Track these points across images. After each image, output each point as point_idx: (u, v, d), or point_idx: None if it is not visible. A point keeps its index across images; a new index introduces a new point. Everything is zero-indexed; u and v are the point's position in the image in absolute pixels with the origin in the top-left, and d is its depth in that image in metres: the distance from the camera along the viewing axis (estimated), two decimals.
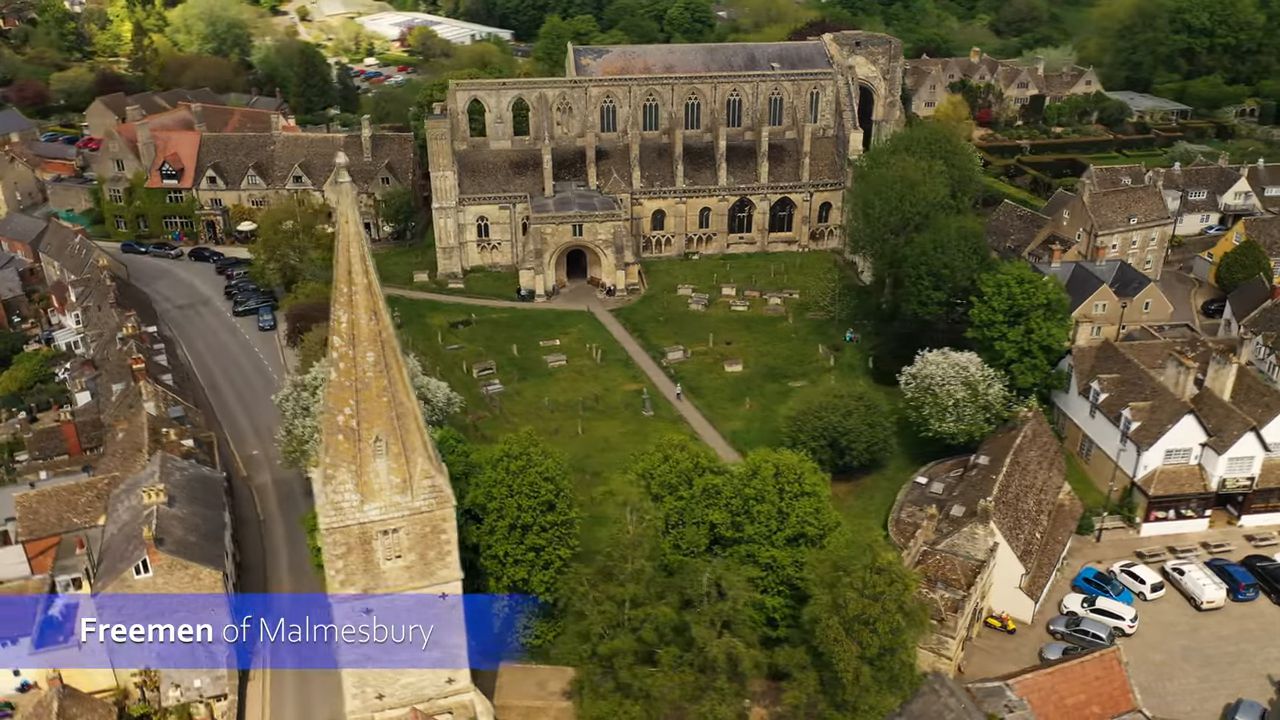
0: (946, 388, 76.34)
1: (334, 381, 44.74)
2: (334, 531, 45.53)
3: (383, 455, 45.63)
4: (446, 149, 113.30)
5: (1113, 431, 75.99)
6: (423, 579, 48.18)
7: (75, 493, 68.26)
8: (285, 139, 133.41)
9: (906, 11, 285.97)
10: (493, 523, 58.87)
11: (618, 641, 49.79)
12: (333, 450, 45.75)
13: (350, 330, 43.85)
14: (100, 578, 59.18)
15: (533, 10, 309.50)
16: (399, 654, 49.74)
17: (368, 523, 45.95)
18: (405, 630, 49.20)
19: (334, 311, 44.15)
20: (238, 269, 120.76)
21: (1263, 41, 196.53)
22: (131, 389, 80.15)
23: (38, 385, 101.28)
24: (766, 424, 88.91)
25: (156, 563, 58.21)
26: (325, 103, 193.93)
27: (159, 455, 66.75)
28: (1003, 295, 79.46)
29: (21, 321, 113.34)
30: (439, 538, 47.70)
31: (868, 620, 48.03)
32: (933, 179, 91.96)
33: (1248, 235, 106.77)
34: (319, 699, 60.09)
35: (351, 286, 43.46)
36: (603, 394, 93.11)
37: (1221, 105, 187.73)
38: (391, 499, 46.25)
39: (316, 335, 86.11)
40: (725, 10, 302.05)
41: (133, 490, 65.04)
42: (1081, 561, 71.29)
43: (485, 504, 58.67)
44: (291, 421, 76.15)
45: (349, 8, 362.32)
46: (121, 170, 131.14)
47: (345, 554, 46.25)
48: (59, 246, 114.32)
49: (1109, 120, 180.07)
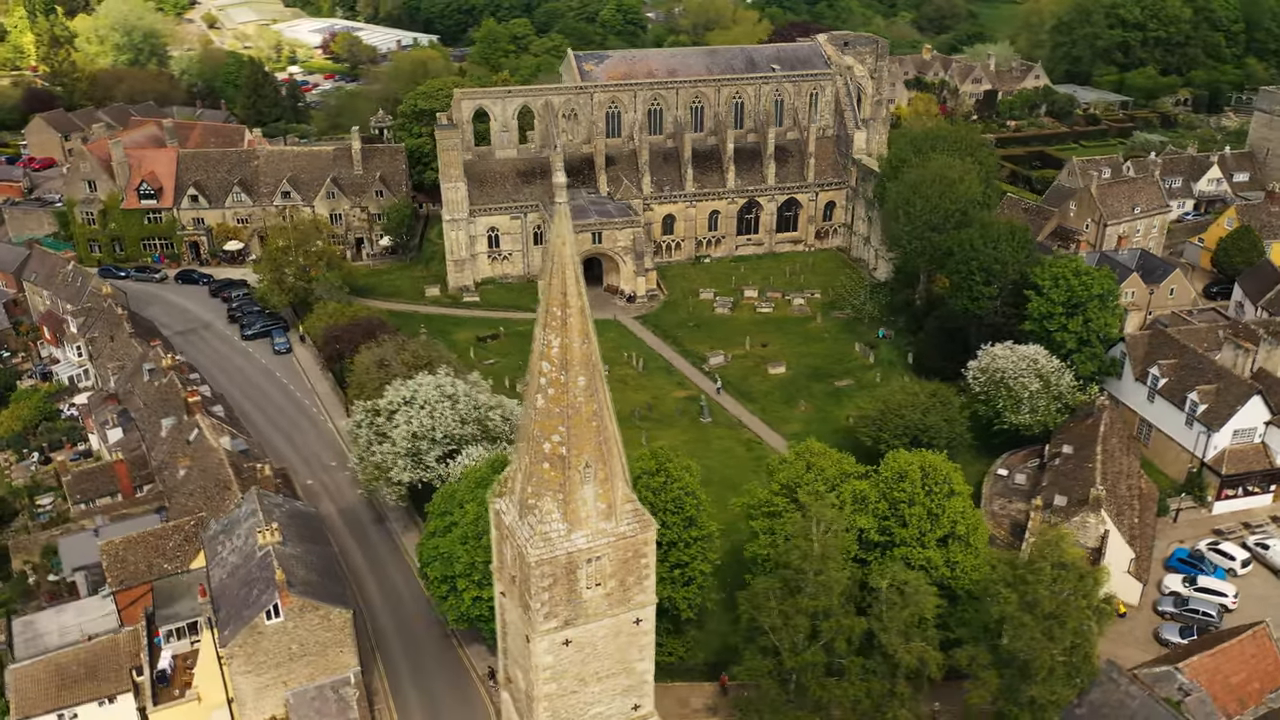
0: (1020, 380, 77.98)
1: (541, 408, 43.15)
2: (543, 564, 43.91)
3: (590, 482, 44.26)
4: (457, 160, 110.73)
5: (1175, 414, 78.76)
6: (620, 605, 46.91)
7: (162, 537, 64.48)
8: (269, 153, 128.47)
9: (831, 10, 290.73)
10: None
11: (808, 655, 49.39)
12: (535, 479, 44.15)
13: (562, 355, 42.36)
14: (224, 625, 55.94)
15: (459, 15, 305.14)
16: (592, 685, 48.47)
17: (575, 552, 44.45)
18: (600, 660, 48.01)
19: (543, 336, 42.57)
20: (236, 291, 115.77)
21: (1189, 35, 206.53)
22: (185, 423, 76.04)
23: (43, 424, 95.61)
24: (825, 424, 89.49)
25: (288, 606, 55.38)
26: (275, 114, 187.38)
27: (253, 492, 63.45)
28: (1061, 288, 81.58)
29: (11, 356, 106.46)
30: (639, 562, 46.51)
31: (1061, 617, 48.73)
32: (970, 176, 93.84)
33: (1240, 220, 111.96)
34: None
35: (565, 310, 42.02)
36: (655, 402, 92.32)
37: (1157, 96, 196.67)
38: (597, 526, 44.88)
39: (368, 358, 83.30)
40: (654, 11, 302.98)
41: (231, 530, 61.73)
42: (1164, 543, 73.71)
43: None
44: (367, 449, 73.55)
45: (261, 14, 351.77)
46: (94, 191, 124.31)
47: (550, 586, 44.64)
48: (47, 275, 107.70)
49: (1058, 113, 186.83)
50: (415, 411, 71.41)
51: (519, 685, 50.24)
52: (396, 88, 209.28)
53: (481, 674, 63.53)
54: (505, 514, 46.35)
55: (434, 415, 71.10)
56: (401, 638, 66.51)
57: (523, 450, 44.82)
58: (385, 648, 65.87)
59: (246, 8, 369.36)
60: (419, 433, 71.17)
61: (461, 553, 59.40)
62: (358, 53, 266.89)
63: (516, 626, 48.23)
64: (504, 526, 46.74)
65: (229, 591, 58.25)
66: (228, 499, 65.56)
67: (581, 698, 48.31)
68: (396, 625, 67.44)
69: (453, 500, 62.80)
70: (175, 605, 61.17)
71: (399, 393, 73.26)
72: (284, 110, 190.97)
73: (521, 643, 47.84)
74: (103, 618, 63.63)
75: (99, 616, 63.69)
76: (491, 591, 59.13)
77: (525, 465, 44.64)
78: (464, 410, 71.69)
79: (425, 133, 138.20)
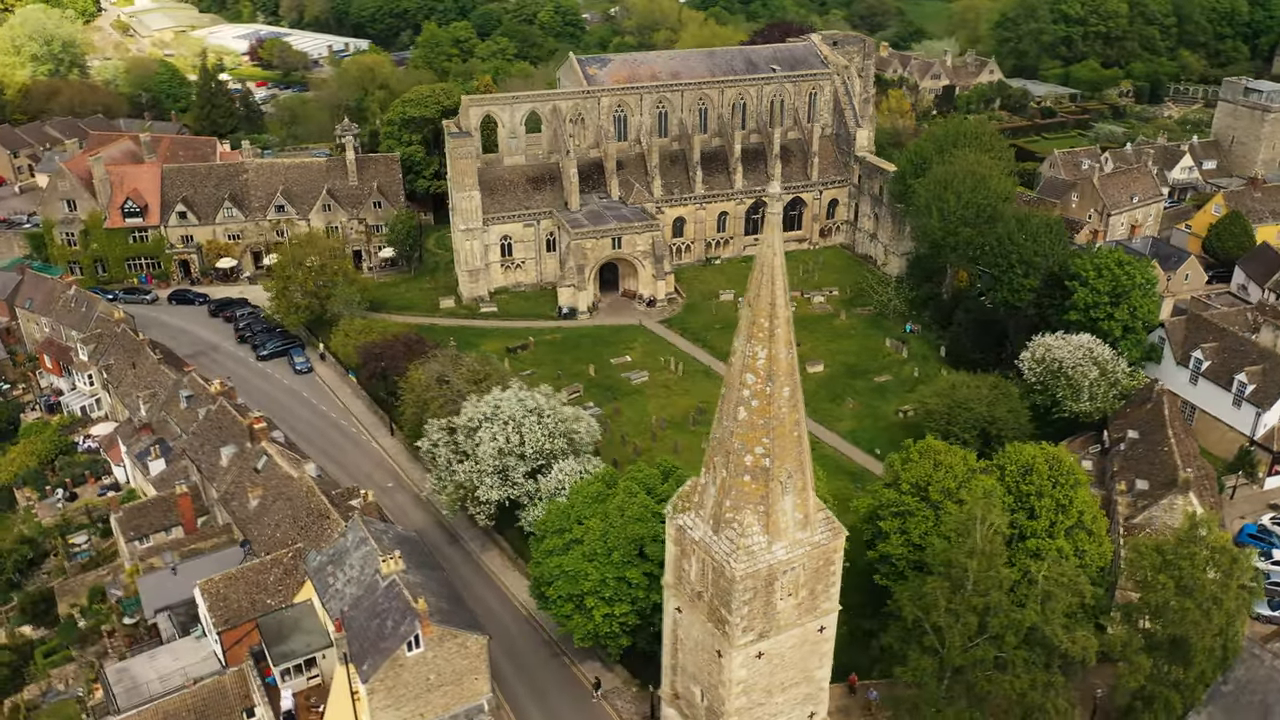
0: (1079, 369, 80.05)
1: (743, 421, 42.74)
2: (747, 578, 43.47)
3: (790, 492, 43.97)
4: (472, 168, 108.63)
5: (1221, 395, 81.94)
6: (809, 614, 46.80)
7: (261, 572, 61.73)
8: (259, 166, 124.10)
9: (765, 10, 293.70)
10: None
11: (979, 650, 49.92)
12: (735, 493, 43.71)
13: (769, 366, 42.03)
14: (360, 659, 53.81)
15: (390, 19, 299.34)
16: (776, 696, 48.23)
17: (775, 564, 44.16)
18: (787, 670, 47.79)
19: (746, 348, 42.15)
20: (241, 310, 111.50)
21: (1126, 29, 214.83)
22: (250, 451, 72.95)
23: (60, 458, 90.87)
24: (877, 420, 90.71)
25: (429, 636, 53.64)
26: (231, 125, 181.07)
27: (357, 520, 61.24)
28: (1105, 278, 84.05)
29: (10, 388, 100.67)
30: (829, 570, 46.45)
31: (1219, 599, 50.24)
32: (996, 172, 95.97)
33: (1228, 206, 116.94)
34: None
35: (773, 321, 41.67)
36: (705, 406, 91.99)
37: (1101, 88, 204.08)
38: (794, 536, 44.67)
39: (424, 374, 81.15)
40: (589, 13, 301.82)
41: (341, 561, 59.45)
42: (1228, 520, 76.50)
43: None
44: (448, 469, 71.70)
45: (176, 20, 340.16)
46: (74, 210, 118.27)
47: (751, 599, 44.26)
48: (45, 301, 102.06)
49: (1013, 107, 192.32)
50: (500, 427, 69.82)
51: (694, 701, 49.68)
52: (346, 94, 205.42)
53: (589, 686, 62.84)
54: (692, 529, 45.75)
55: (521, 430, 69.62)
56: (512, 659, 65.05)
57: (717, 464, 44.30)
58: (497, 670, 64.13)
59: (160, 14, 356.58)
60: (504, 449, 69.63)
61: (590, 570, 58.34)
62: (289, 59, 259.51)
63: (698, 641, 47.69)
64: (688, 542, 46.17)
65: (356, 624, 56.00)
66: (326, 528, 63.15)
67: (766, 709, 48.09)
68: (504, 646, 65.83)
69: (567, 517, 61.63)
70: (288, 642, 58.59)
71: (478, 409, 71.52)
72: (239, 120, 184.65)
73: (706, 657, 47.34)
74: (202, 660, 60.83)
75: (199, 659, 60.85)
76: (622, 608, 58.64)
77: (721, 479, 44.12)
78: (551, 424, 70.37)
79: (415, 140, 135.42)
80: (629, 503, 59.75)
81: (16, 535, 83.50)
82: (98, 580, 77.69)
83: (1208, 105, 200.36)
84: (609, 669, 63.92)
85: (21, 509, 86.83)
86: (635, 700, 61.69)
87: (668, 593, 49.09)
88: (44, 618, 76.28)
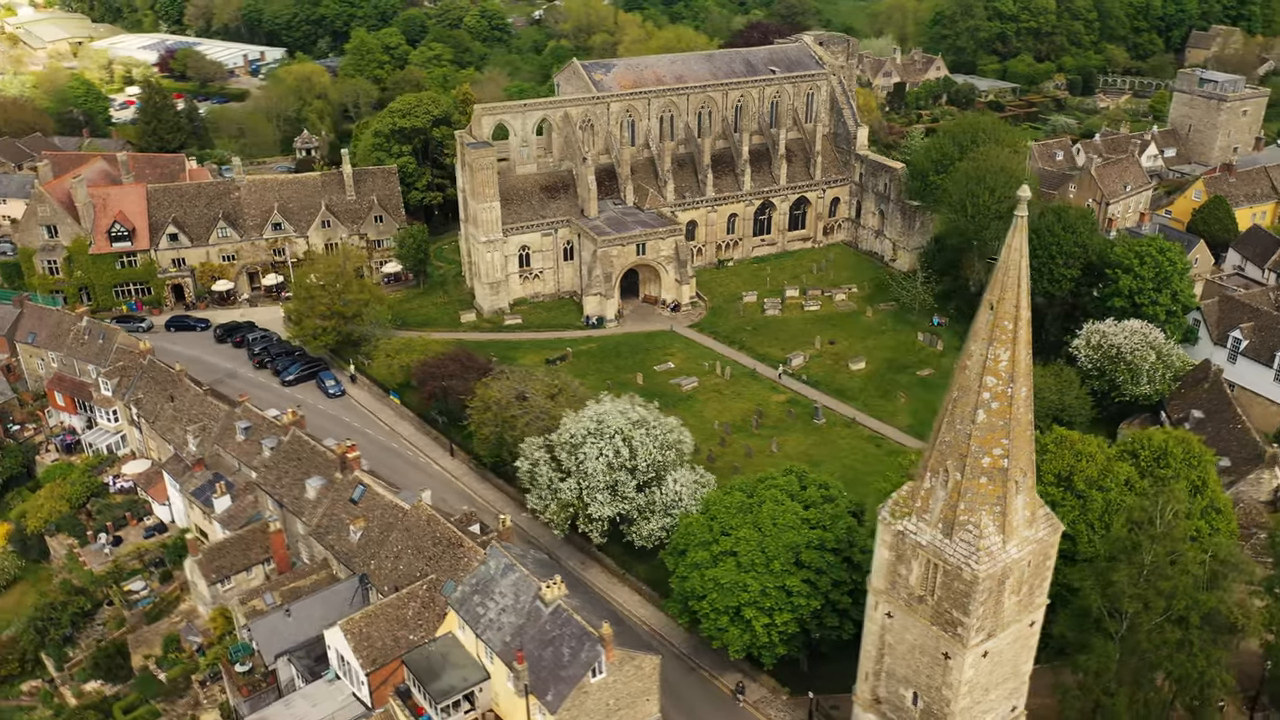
0: (1138, 353, 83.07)
1: (982, 423, 42.93)
2: (987, 579, 43.74)
3: (1022, 491, 44.44)
4: (493, 179, 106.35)
5: (1262, 372, 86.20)
6: (1026, 610, 47.39)
7: (399, 607, 59.21)
8: (250, 184, 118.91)
9: (688, 10, 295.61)
10: None
11: (1169, 633, 51.30)
12: (970, 495, 43.91)
13: (1010, 368, 42.34)
14: (544, 691, 52.12)
15: (307, 26, 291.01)
16: (991, 693, 48.68)
17: (1009, 563, 44.56)
18: (1003, 666, 48.31)
19: (987, 350, 42.39)
20: (253, 334, 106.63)
21: (1055, 25, 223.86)
22: (342, 481, 69.90)
23: (92, 500, 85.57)
24: (931, 413, 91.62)
25: (611, 660, 52.36)
26: (178, 141, 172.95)
27: (498, 546, 59.28)
28: (1148, 265, 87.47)
29: (19, 429, 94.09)
30: (1045, 565, 47.13)
31: None
32: (1022, 167, 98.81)
33: (1209, 192, 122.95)
34: None
35: (1016, 323, 41.97)
36: (764, 410, 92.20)
37: (1037, 81, 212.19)
38: (1022, 534, 45.13)
39: (500, 391, 79.11)
40: (513, 16, 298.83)
41: (487, 589, 57.39)
42: None
43: None
44: (553, 487, 70.14)
45: (69, 31, 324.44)
46: (55, 236, 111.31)
47: (986, 599, 44.55)
48: (52, 335, 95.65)
49: (960, 102, 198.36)
50: (607, 442, 68.58)
51: (902, 705, 49.74)
52: (285, 105, 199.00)
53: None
54: (917, 534, 45.79)
55: (632, 444, 68.54)
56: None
57: (950, 468, 44.38)
58: None
59: (51, 24, 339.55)
60: (614, 463, 68.46)
61: (748, 580, 57.82)
62: (204, 69, 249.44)
63: (915, 645, 47.77)
64: (909, 546, 46.18)
65: (528, 655, 54.25)
66: (459, 556, 60.92)
67: (981, 707, 48.56)
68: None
69: (710, 530, 60.92)
70: (443, 678, 56.29)
71: (579, 424, 70.10)
72: (186, 136, 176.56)
73: (926, 660, 47.47)
74: (343, 704, 58.04)
75: (339, 704, 58.03)
76: (783, 617, 58.32)
77: (955, 482, 44.24)
78: (660, 435, 69.49)
79: (405, 151, 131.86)
80: (779, 511, 59.48)
81: (63, 586, 78.32)
82: (171, 628, 73.55)
83: (1136, 95, 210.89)
84: (753, 678, 63.49)
85: (61, 557, 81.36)
86: (788, 707, 61.45)
87: (876, 598, 48.96)
88: (117, 672, 71.68)
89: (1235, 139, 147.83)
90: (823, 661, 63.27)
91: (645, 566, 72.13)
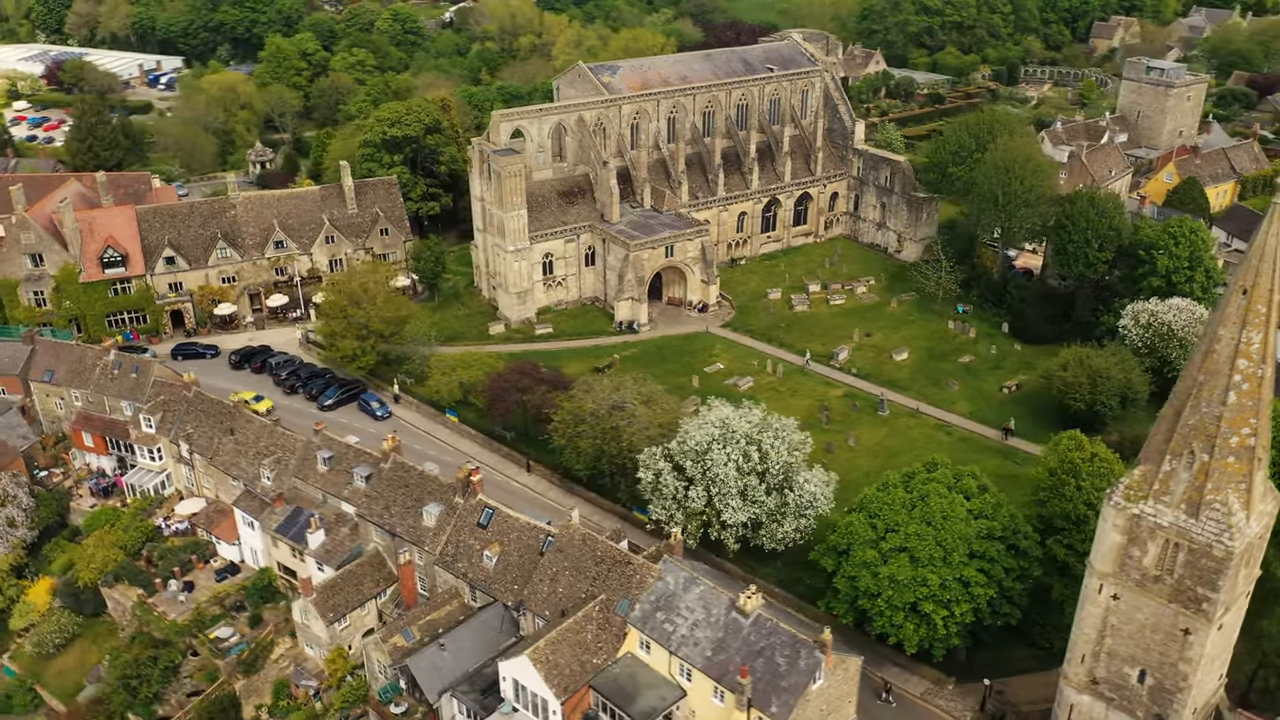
0: (1190, 329, 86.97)
1: (1232, 404, 44.38)
2: (1239, 555, 45.30)
3: (1261, 468, 46.12)
4: (521, 186, 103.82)
5: None
6: (1248, 583, 49.20)
7: (579, 630, 57.35)
8: (247, 201, 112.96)
9: (599, 9, 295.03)
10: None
11: None
12: (1218, 475, 45.35)
13: (1262, 350, 43.87)
14: (765, 703, 51.35)
15: (205, 33, 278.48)
16: (1215, 664, 50.42)
17: (1252, 537, 46.26)
18: (1224, 637, 50.08)
19: (1240, 334, 43.71)
20: (274, 358, 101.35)
21: (975, 18, 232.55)
22: (466, 506, 67.21)
23: (147, 545, 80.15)
24: (988, 399, 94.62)
25: (828, 666, 52.07)
26: (115, 159, 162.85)
27: (671, 561, 58.23)
28: (1183, 245, 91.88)
29: (46, 474, 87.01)
30: (1266, 537, 49.01)
31: None
32: (1046, 158, 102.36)
33: (1180, 174, 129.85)
34: None
35: (1270, 306, 43.46)
36: (828, 405, 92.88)
37: (965, 73, 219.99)
38: (1259, 509, 46.87)
39: (594, 403, 77.38)
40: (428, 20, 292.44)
41: (671, 605, 56.35)
42: None
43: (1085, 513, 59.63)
44: (679, 497, 69.19)
45: None
46: (40, 265, 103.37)
47: (1233, 574, 46.12)
48: (72, 371, 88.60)
49: (899, 95, 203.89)
50: (735, 446, 67.97)
51: (1126, 683, 51.01)
52: (210, 116, 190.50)
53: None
54: (1157, 515, 47.01)
55: (762, 447, 68.12)
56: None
57: (1197, 449, 45.66)
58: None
59: None
60: (743, 468, 67.93)
61: (926, 574, 58.27)
62: (97, 81, 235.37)
63: (1147, 624, 49.03)
64: (1147, 528, 47.38)
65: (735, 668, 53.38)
66: (629, 574, 59.36)
67: (1209, 677, 50.21)
68: None
69: (873, 527, 61.15)
70: (640, 699, 55.05)
71: (703, 431, 69.22)
72: (124, 152, 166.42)
73: (1160, 638, 48.90)
74: None
75: None
76: (961, 608, 59.04)
77: (1201, 463, 45.59)
78: (787, 437, 69.29)
79: (396, 161, 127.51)
80: (947, 504, 60.13)
81: (139, 639, 72.97)
82: (280, 674, 69.45)
83: (1056, 85, 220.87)
84: (913, 671, 64.01)
85: (126, 609, 75.67)
86: (959, 695, 62.16)
87: (1098, 581, 49.98)
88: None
89: (1181, 123, 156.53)
90: (978, 649, 64.25)
91: (769, 569, 71.88)
